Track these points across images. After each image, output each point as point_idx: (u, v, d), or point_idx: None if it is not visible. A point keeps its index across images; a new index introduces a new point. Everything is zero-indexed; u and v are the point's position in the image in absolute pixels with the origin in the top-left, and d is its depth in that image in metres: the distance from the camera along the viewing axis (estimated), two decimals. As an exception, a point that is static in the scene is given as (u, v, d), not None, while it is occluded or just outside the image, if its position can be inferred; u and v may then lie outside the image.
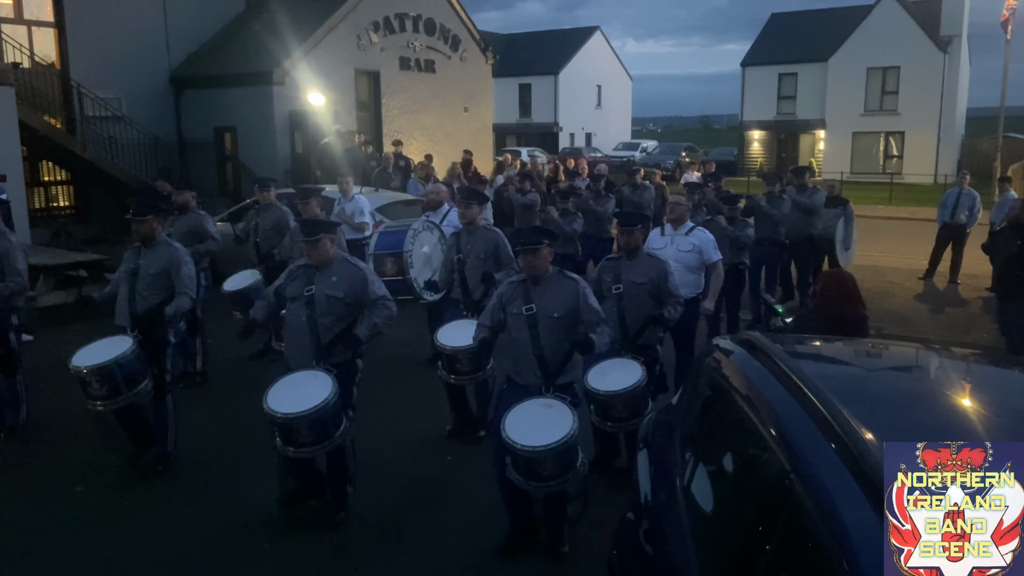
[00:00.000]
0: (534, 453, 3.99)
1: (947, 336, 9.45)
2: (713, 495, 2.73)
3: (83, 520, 4.92)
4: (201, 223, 7.59)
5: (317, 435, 4.43)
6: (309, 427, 4.39)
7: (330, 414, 4.43)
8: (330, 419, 4.45)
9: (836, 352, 3.46)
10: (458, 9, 20.96)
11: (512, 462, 4.12)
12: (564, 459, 4.06)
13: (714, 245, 6.61)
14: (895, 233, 18.46)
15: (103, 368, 5.07)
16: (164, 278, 5.51)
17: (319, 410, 4.35)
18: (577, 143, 43.06)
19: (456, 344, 5.56)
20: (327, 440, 4.49)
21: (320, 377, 4.50)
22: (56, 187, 16.63)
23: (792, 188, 10.43)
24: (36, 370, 7.34)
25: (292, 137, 17.04)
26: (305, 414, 4.33)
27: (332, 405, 4.41)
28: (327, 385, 4.44)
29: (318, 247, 4.70)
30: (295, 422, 4.36)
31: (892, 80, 35.41)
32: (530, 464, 4.05)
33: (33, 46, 15.25)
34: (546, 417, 4.14)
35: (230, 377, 7.53)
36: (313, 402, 4.34)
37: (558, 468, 4.06)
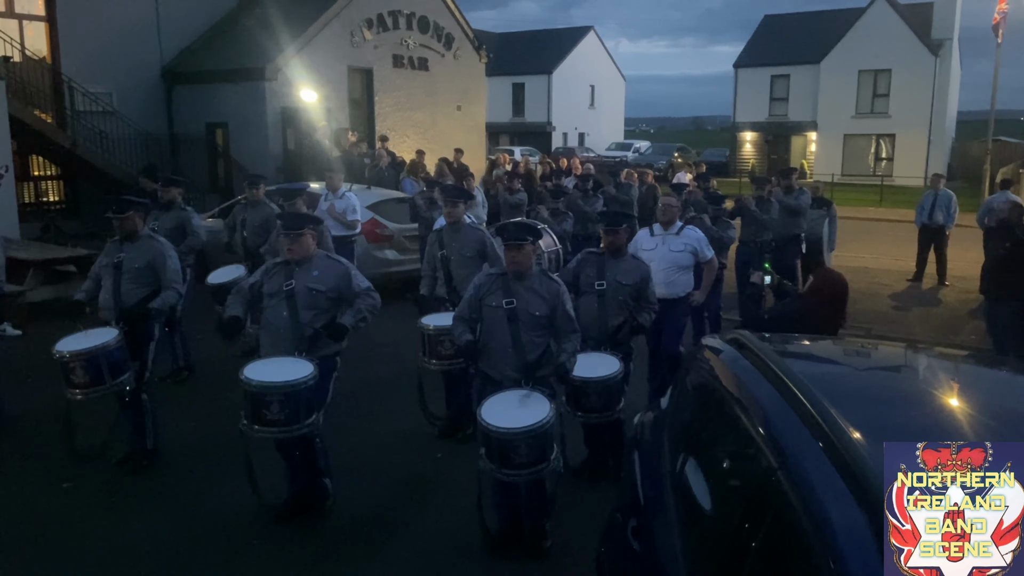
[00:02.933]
0: (508, 435, 4.02)
1: (935, 337, 9.50)
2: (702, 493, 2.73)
3: (70, 516, 4.90)
4: (188, 219, 7.58)
5: (287, 415, 4.36)
6: (281, 403, 4.34)
7: (304, 396, 4.40)
8: (303, 401, 4.41)
9: (825, 351, 3.47)
10: (452, 7, 20.93)
11: (486, 451, 4.12)
12: (538, 446, 4.07)
13: (707, 243, 6.70)
14: (885, 235, 18.54)
15: (87, 353, 5.04)
16: (149, 272, 5.50)
17: (294, 385, 4.34)
18: (570, 143, 43.09)
19: (440, 323, 5.54)
20: (295, 423, 4.41)
21: (301, 363, 4.50)
22: (46, 182, 16.52)
23: (778, 189, 10.48)
24: (23, 365, 7.31)
25: (284, 134, 16.98)
26: (280, 386, 4.32)
27: (308, 387, 4.39)
28: (307, 367, 4.46)
29: (300, 241, 4.68)
30: (269, 393, 4.32)
31: (883, 83, 35.57)
32: (504, 448, 4.06)
33: (24, 40, 15.14)
34: (523, 405, 4.19)
35: (218, 373, 7.48)
36: (290, 376, 4.35)
37: (532, 455, 4.07)
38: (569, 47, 45.47)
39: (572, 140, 44.01)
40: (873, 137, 36.36)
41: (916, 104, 34.35)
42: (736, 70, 40.00)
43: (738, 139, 40.19)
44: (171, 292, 5.53)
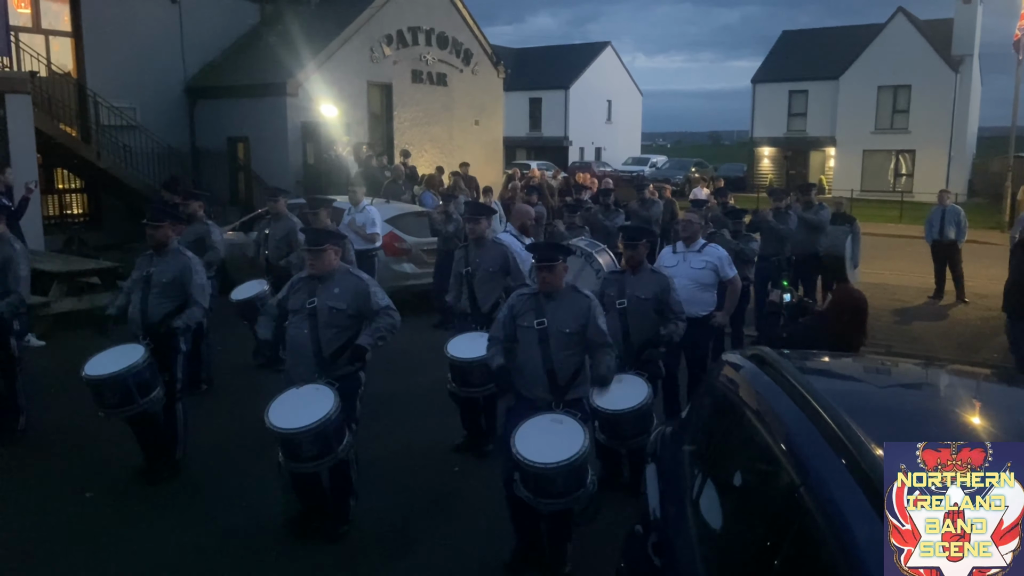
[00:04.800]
0: (545, 470, 3.93)
1: (956, 354, 9.41)
2: (722, 509, 2.73)
3: (92, 526, 4.94)
4: (207, 232, 7.67)
5: (320, 449, 4.38)
6: (312, 442, 4.34)
7: (332, 428, 4.38)
8: (332, 433, 4.40)
9: (846, 368, 3.46)
10: (470, 23, 21.10)
11: (521, 478, 4.06)
12: (575, 477, 4.01)
13: (729, 261, 6.59)
14: (905, 251, 18.40)
15: (116, 377, 5.09)
16: (176, 287, 5.54)
17: (321, 424, 4.30)
18: (587, 157, 43.14)
19: (467, 356, 5.55)
20: (330, 454, 4.43)
21: (322, 391, 4.46)
22: (70, 194, 16.77)
23: (798, 205, 10.44)
24: (47, 376, 7.40)
25: (304, 148, 17.15)
26: (307, 429, 4.29)
27: (334, 419, 4.37)
28: (329, 399, 4.41)
29: (322, 257, 4.70)
30: (297, 437, 4.32)
31: (903, 98, 35.42)
32: (540, 481, 3.99)
33: (50, 55, 15.42)
34: (557, 433, 4.09)
35: (240, 385, 7.56)
36: (315, 416, 4.30)
37: (568, 485, 4.01)
38: (586, 62, 45.62)
39: (589, 155, 44.06)
40: (893, 153, 36.17)
41: (936, 120, 34.16)
42: (754, 85, 39.97)
43: (756, 154, 40.10)
44: (196, 308, 5.57)
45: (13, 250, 6.06)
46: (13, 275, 5.98)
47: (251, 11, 19.25)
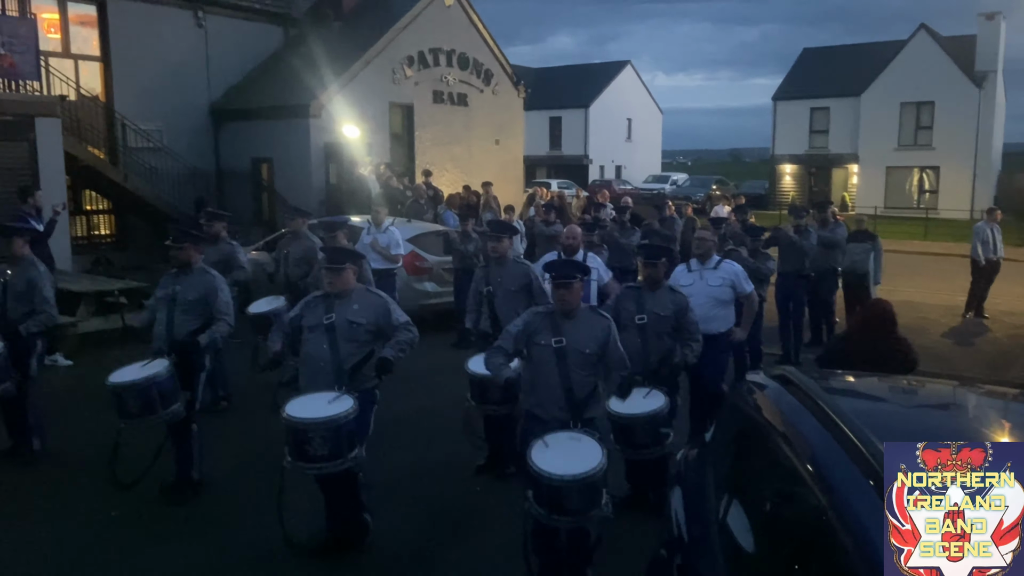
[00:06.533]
0: (561, 483, 3.91)
1: (985, 373, 9.26)
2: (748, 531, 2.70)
3: (117, 544, 4.98)
4: (232, 252, 7.76)
5: (330, 450, 4.39)
6: (323, 438, 4.36)
7: (345, 430, 4.41)
8: (344, 436, 4.42)
9: (872, 388, 3.42)
10: (491, 44, 21.28)
11: (535, 494, 4.02)
12: (589, 494, 3.98)
13: (745, 276, 6.59)
14: (930, 269, 18.20)
15: (138, 385, 5.17)
16: (201, 305, 5.62)
17: (336, 420, 4.35)
18: (607, 175, 43.21)
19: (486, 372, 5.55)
20: (339, 458, 4.42)
21: (341, 397, 4.53)
22: (98, 216, 17.04)
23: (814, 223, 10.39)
24: (74, 394, 7.49)
25: (327, 168, 17.33)
26: (322, 421, 4.34)
27: (349, 421, 4.41)
28: (347, 402, 4.48)
29: (341, 276, 4.75)
30: (311, 429, 4.35)
31: (926, 115, 35.20)
32: (555, 495, 3.97)
33: (79, 79, 15.74)
34: (574, 450, 4.08)
35: (257, 404, 7.59)
36: (332, 412, 4.37)
37: (583, 502, 3.98)
38: (606, 81, 45.82)
39: (609, 173, 44.13)
40: (916, 169, 35.89)
41: (960, 136, 33.89)
42: (775, 102, 39.89)
43: (777, 171, 39.95)
44: (221, 324, 5.65)
45: (37, 271, 6.18)
46: (39, 296, 6.11)
47: (275, 34, 19.55)
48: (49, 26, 15.59)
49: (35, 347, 6.24)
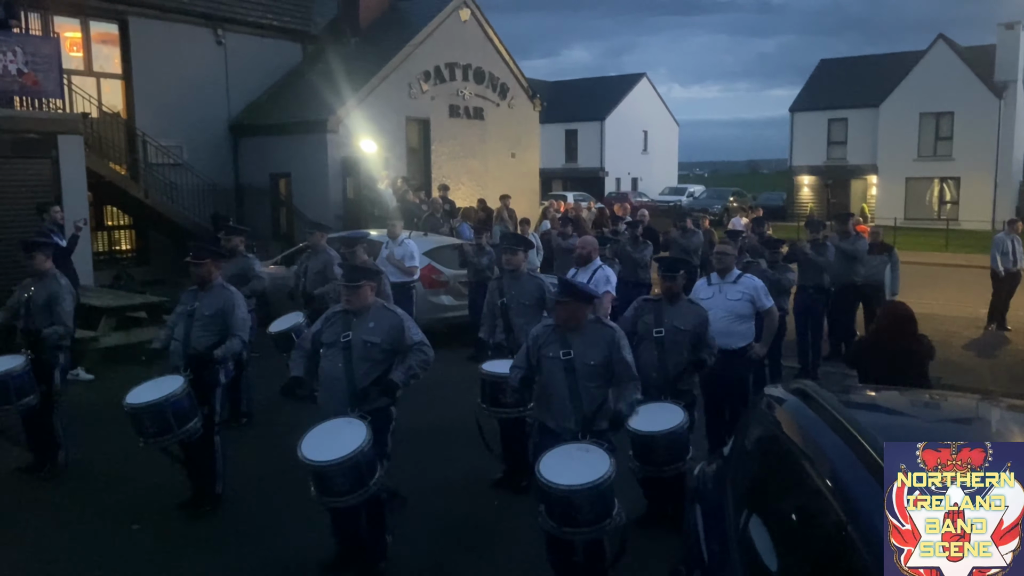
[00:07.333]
0: (569, 493, 3.91)
1: (1009, 387, 9.14)
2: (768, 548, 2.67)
3: (137, 558, 5.02)
4: (250, 266, 7.87)
5: (352, 483, 4.37)
6: (344, 475, 4.34)
7: (364, 461, 4.38)
8: (365, 467, 4.39)
9: (892, 402, 3.39)
10: (506, 58, 21.39)
11: (546, 508, 4.01)
12: (600, 503, 3.97)
13: (765, 291, 6.49)
14: (951, 280, 18.02)
15: (154, 406, 5.20)
16: (218, 320, 5.66)
17: (353, 457, 4.30)
18: (623, 188, 43.20)
19: (500, 371, 5.52)
20: (362, 488, 4.41)
21: (354, 424, 4.47)
22: (119, 231, 17.23)
23: (835, 235, 10.32)
24: (95, 409, 7.55)
25: (344, 183, 17.45)
26: (339, 461, 4.29)
27: (367, 452, 4.37)
28: (361, 432, 4.41)
29: (359, 293, 4.74)
30: (330, 470, 4.33)
31: (946, 125, 34.98)
32: (565, 506, 3.96)
33: (101, 97, 15.97)
34: (583, 460, 4.08)
35: (279, 418, 7.62)
36: (348, 449, 4.31)
37: (594, 512, 3.96)
38: (621, 94, 45.91)
39: (625, 185, 44.12)
40: (936, 180, 35.63)
41: (981, 146, 33.64)
42: (792, 114, 39.80)
43: (795, 183, 39.79)
44: (236, 340, 5.68)
45: (59, 285, 6.28)
46: (59, 309, 6.19)
47: (293, 51, 19.75)
48: (72, 44, 15.84)
49: (58, 361, 6.32)
